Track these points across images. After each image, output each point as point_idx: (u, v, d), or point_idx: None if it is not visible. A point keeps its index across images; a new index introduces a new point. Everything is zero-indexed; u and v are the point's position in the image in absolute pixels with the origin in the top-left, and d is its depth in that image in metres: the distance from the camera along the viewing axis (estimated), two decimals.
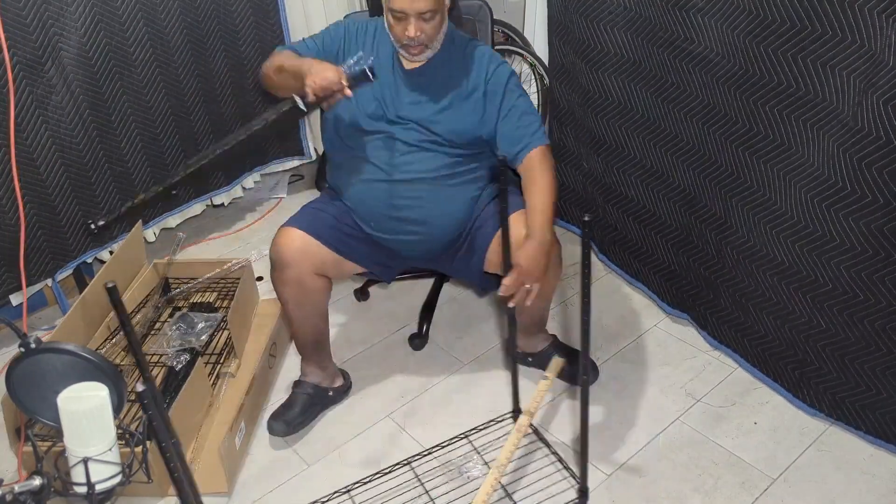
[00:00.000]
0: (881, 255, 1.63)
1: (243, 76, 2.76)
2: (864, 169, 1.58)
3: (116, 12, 2.35)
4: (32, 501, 1.01)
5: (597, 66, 2.21)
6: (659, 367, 2.16)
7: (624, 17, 2.05)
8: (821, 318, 1.82)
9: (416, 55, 1.79)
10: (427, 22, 1.73)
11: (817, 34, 1.57)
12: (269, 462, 1.95)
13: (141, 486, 1.77)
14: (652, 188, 2.20)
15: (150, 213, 2.67)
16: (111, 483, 1.01)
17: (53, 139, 2.29)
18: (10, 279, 2.30)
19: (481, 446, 1.91)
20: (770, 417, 1.97)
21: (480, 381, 2.16)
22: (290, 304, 1.91)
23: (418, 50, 1.78)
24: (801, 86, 1.65)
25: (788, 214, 1.79)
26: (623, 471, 1.83)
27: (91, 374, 1.02)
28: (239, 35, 2.69)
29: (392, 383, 2.18)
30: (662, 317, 2.35)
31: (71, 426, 0.98)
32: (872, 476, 1.80)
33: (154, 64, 2.49)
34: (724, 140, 1.90)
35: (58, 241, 2.39)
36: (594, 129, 2.32)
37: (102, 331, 2.12)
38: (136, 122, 2.51)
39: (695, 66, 1.90)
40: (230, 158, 2.82)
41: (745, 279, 1.98)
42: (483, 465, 1.87)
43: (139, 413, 1.92)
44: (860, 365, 1.79)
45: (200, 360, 2.01)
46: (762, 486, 1.79)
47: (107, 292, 1.11)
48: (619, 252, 2.47)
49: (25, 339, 1.01)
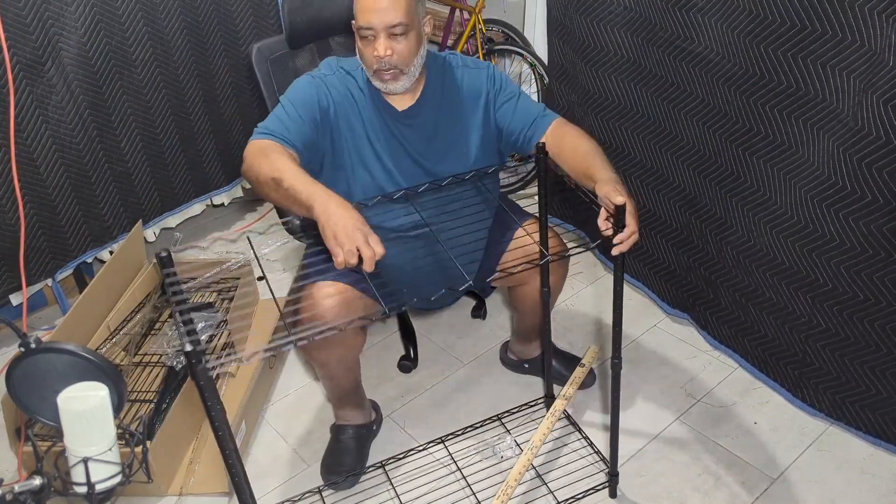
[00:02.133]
0: (881, 254, 1.63)
1: (243, 76, 2.76)
2: (865, 169, 1.58)
3: (116, 12, 2.35)
4: (32, 501, 1.01)
5: (597, 65, 2.21)
6: (659, 367, 2.16)
7: (624, 17, 2.05)
8: (821, 317, 1.82)
9: (388, 81, 1.59)
10: (398, 39, 1.55)
11: (817, 34, 1.57)
12: (269, 462, 1.95)
13: (141, 486, 1.77)
14: (652, 188, 2.20)
15: (150, 213, 2.67)
16: (111, 483, 1.01)
17: (53, 139, 2.29)
18: (10, 279, 2.30)
19: (513, 428, 1.96)
20: (770, 417, 1.97)
21: (481, 381, 2.16)
22: (330, 365, 1.73)
23: (391, 75, 1.58)
24: (802, 86, 1.65)
25: (788, 214, 1.79)
26: (623, 470, 1.84)
27: (91, 374, 1.02)
28: (239, 35, 2.69)
29: (392, 383, 2.18)
30: (662, 317, 2.35)
31: (71, 426, 0.98)
32: (872, 476, 1.80)
33: (154, 64, 2.49)
34: (724, 140, 1.90)
35: (58, 241, 2.39)
36: (594, 128, 2.32)
37: (102, 331, 2.12)
38: (136, 122, 2.51)
39: (695, 66, 1.89)
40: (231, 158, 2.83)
41: (745, 279, 1.98)
42: (516, 446, 1.91)
43: (139, 413, 1.92)
44: (860, 365, 1.79)
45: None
46: (762, 486, 1.79)
47: (157, 261, 1.12)
48: None
49: (25, 338, 1.01)
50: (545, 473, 1.84)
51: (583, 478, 1.81)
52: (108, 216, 2.52)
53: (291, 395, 2.16)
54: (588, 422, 1.99)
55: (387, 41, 1.54)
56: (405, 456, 1.90)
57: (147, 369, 2.08)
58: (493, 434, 1.96)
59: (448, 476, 1.85)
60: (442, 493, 1.80)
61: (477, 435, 1.96)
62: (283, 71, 2.06)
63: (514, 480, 1.72)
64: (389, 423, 2.04)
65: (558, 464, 1.86)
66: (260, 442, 2.01)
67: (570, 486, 1.79)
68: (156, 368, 2.08)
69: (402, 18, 1.53)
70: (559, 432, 1.95)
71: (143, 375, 2.05)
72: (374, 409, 2.02)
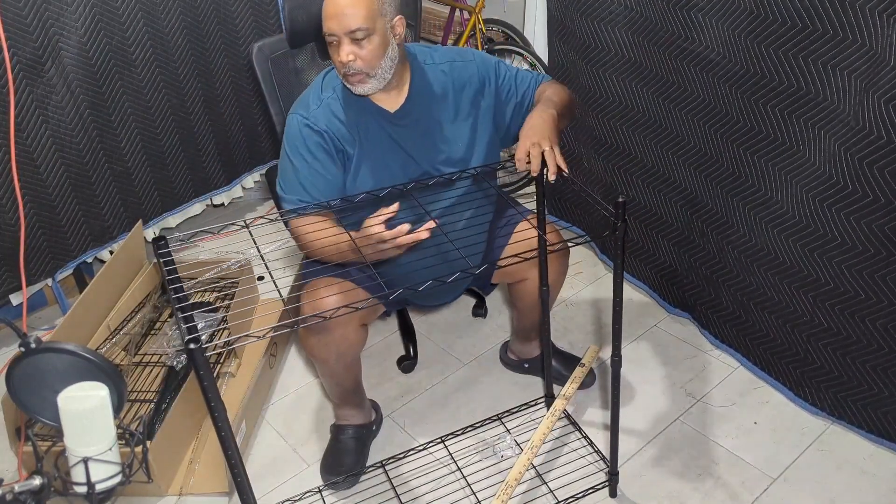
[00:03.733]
0: (882, 254, 1.63)
1: (243, 76, 2.76)
2: (866, 168, 1.58)
3: (116, 12, 2.35)
4: (32, 501, 1.01)
5: (597, 65, 2.20)
6: (659, 366, 2.16)
7: (624, 17, 2.05)
8: (822, 316, 1.82)
9: (356, 84, 1.61)
10: (360, 44, 1.55)
11: (818, 34, 1.57)
12: (269, 462, 1.95)
13: (141, 486, 1.77)
14: (653, 187, 2.20)
15: (150, 213, 2.67)
16: (111, 483, 1.01)
17: (53, 139, 2.29)
18: (10, 279, 2.30)
19: (513, 428, 1.96)
20: (770, 417, 1.97)
21: (481, 381, 2.16)
22: (330, 362, 1.73)
23: (357, 79, 1.59)
24: (803, 85, 1.65)
25: (790, 214, 1.79)
26: (623, 470, 1.83)
27: (91, 373, 1.02)
28: (239, 35, 2.69)
29: (392, 383, 2.17)
30: (663, 316, 2.35)
31: (71, 426, 0.98)
32: (873, 475, 1.80)
33: (154, 64, 2.49)
34: (725, 139, 1.90)
35: (58, 241, 2.39)
36: (594, 128, 2.32)
37: (102, 331, 2.12)
38: (136, 122, 2.51)
39: (696, 66, 1.89)
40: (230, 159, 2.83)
41: (747, 278, 1.98)
42: (516, 446, 1.91)
43: (139, 413, 1.92)
44: (861, 364, 1.79)
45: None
46: (762, 486, 1.79)
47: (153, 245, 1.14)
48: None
49: (25, 338, 1.01)
50: (545, 473, 1.84)
51: (583, 477, 1.81)
52: (108, 216, 2.52)
53: (291, 394, 2.16)
54: (588, 421, 1.99)
55: (349, 46, 1.55)
56: (405, 456, 1.90)
57: (147, 369, 2.08)
58: (493, 434, 1.96)
59: (448, 476, 1.84)
60: (442, 493, 1.80)
61: (477, 435, 1.96)
62: (283, 70, 2.06)
63: (514, 480, 1.72)
64: (389, 423, 2.03)
65: (558, 463, 1.86)
66: (260, 442, 2.01)
67: (570, 486, 1.79)
68: (156, 368, 2.08)
69: (361, 23, 1.53)
70: (559, 432, 1.95)
71: (143, 375, 2.05)
72: (374, 409, 2.02)
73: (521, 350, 2.14)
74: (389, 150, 1.70)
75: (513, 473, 1.73)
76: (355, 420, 1.93)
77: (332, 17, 1.55)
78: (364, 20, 1.53)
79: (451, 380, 2.17)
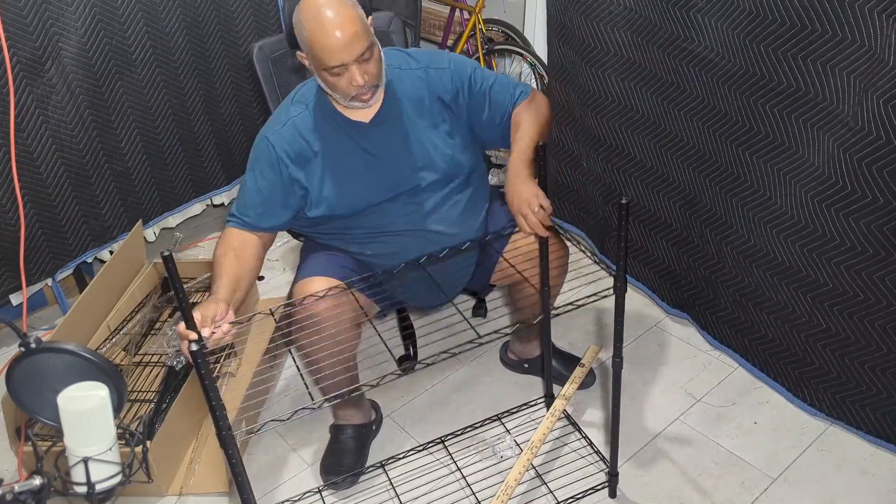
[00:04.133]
0: (881, 254, 1.63)
1: (243, 76, 2.76)
2: (865, 168, 1.58)
3: (116, 12, 2.35)
4: (32, 501, 1.01)
5: (597, 65, 2.20)
6: (659, 366, 2.16)
7: (624, 17, 2.05)
8: (821, 317, 1.82)
9: (369, 100, 1.60)
10: (368, 62, 1.55)
11: (817, 34, 1.57)
12: (269, 462, 1.95)
13: (141, 486, 1.77)
14: (652, 188, 2.20)
15: (150, 213, 2.67)
16: (111, 483, 1.01)
17: (53, 139, 2.29)
18: (10, 279, 2.30)
19: (513, 428, 1.96)
20: (770, 417, 1.97)
21: (481, 381, 2.16)
22: (324, 362, 1.70)
23: (370, 94, 1.59)
24: (802, 85, 1.65)
25: (788, 214, 1.79)
26: (623, 471, 1.83)
27: (91, 373, 1.02)
28: (239, 35, 2.69)
29: (392, 383, 2.17)
30: (662, 317, 2.35)
31: (71, 426, 0.98)
32: (873, 476, 1.80)
33: (154, 64, 2.50)
34: (724, 140, 1.90)
35: (58, 241, 2.39)
36: (594, 128, 2.32)
37: (102, 331, 2.12)
38: (136, 122, 2.51)
39: (695, 66, 1.89)
40: (230, 159, 2.83)
41: (745, 279, 1.98)
42: (515, 446, 1.91)
43: (139, 413, 1.93)
44: (860, 364, 1.79)
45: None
46: (762, 486, 1.79)
47: (163, 260, 1.15)
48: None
49: (25, 338, 1.01)
50: (545, 473, 1.84)
51: (583, 478, 1.81)
52: (108, 216, 2.52)
53: (292, 394, 2.16)
54: (588, 421, 1.99)
55: (359, 68, 1.54)
56: (405, 456, 1.90)
57: (147, 369, 2.08)
58: (493, 434, 1.96)
59: (448, 476, 1.85)
60: (442, 493, 1.80)
61: (477, 435, 1.96)
62: (283, 70, 2.06)
63: (513, 480, 1.72)
64: (389, 423, 2.04)
65: (558, 463, 1.86)
66: (260, 442, 2.01)
67: (570, 486, 1.79)
68: (156, 368, 2.08)
69: (365, 42, 1.52)
70: (559, 432, 1.95)
71: (143, 375, 2.06)
72: (373, 409, 2.02)
73: (521, 350, 2.14)
74: (361, 163, 1.69)
75: (512, 474, 1.73)
76: (355, 420, 1.93)
77: (339, 50, 1.51)
78: (365, 37, 1.53)
79: (451, 380, 2.17)
